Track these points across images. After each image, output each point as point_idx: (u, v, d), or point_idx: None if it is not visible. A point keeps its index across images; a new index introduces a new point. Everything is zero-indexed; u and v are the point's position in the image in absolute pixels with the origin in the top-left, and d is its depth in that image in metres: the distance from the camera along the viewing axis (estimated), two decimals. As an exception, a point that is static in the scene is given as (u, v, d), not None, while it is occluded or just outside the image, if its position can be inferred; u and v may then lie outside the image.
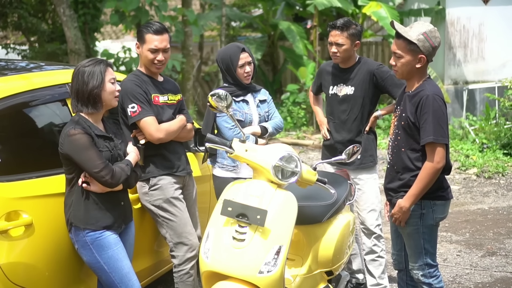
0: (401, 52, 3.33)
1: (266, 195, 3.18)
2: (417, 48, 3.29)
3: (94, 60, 3.27)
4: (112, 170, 3.16)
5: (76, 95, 3.21)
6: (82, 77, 3.18)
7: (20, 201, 3.10)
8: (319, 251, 3.76)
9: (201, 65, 14.78)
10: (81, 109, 3.21)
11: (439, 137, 3.26)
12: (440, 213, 3.45)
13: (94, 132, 3.18)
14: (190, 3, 11.77)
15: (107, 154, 3.21)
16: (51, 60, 11.75)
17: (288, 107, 11.66)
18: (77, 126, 3.14)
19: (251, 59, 4.05)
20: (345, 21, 4.23)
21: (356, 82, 4.28)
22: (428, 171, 3.29)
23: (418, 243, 3.45)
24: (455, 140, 9.82)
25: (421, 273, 3.48)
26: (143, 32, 3.71)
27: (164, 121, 3.71)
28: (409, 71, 3.36)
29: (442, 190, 3.43)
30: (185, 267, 3.73)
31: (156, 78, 3.82)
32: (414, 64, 3.33)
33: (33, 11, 12.89)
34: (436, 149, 3.27)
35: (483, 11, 11.11)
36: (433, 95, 3.29)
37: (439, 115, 3.27)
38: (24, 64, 4.50)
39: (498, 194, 7.67)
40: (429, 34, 3.31)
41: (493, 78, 10.99)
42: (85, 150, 3.10)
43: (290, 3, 12.99)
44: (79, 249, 3.24)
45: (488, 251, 5.59)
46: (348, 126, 4.32)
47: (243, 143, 3.32)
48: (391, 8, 10.96)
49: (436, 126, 3.26)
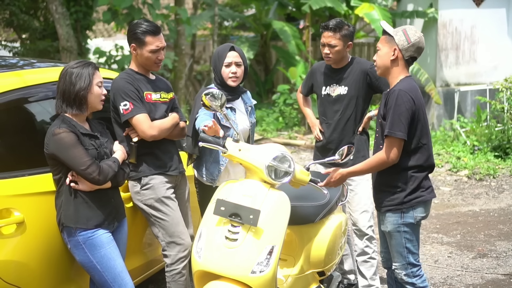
0: (380, 45, 3.42)
1: (259, 195, 3.17)
2: (393, 40, 3.36)
3: (82, 62, 3.27)
4: (99, 167, 3.15)
5: (62, 95, 3.21)
6: (69, 78, 3.19)
7: (12, 199, 3.08)
8: (311, 252, 3.76)
9: (193, 64, 14.75)
10: (66, 110, 3.22)
11: (396, 131, 3.28)
12: (421, 212, 3.45)
13: (79, 131, 3.18)
14: (183, 1, 11.74)
15: (93, 152, 3.21)
16: (43, 57, 11.69)
17: (280, 107, 11.66)
18: (62, 125, 3.13)
19: (241, 60, 3.90)
20: (337, 22, 4.22)
21: (349, 82, 4.28)
22: (378, 161, 3.37)
23: (399, 242, 3.47)
24: (446, 142, 9.86)
25: (404, 272, 3.50)
26: (140, 35, 3.66)
27: (156, 119, 3.69)
28: (385, 64, 3.41)
29: (423, 189, 3.43)
30: (178, 266, 3.71)
31: (148, 76, 3.81)
32: (389, 57, 3.38)
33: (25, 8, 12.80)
34: (392, 144, 3.31)
35: (475, 13, 11.15)
36: (399, 90, 3.31)
37: (401, 110, 3.28)
38: (15, 61, 4.47)
39: (489, 196, 7.70)
40: (408, 30, 3.37)
41: (485, 80, 11.04)
42: (71, 148, 3.09)
43: (283, 3, 13.00)
44: (71, 248, 3.23)
45: (479, 253, 5.61)
46: (341, 127, 4.31)
47: (237, 143, 3.31)
48: (383, 10, 10.98)
49: (395, 120, 3.28)
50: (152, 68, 3.77)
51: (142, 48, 3.68)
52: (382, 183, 3.47)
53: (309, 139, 10.50)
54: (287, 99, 11.73)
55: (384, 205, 3.46)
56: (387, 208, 3.45)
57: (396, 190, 3.41)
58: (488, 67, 11.23)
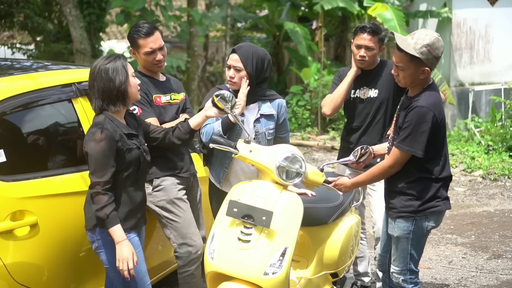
0: (404, 65, 3.26)
1: (272, 196, 3.17)
2: (421, 61, 3.22)
3: (111, 56, 3.16)
4: (109, 192, 3.01)
5: (102, 94, 3.10)
6: (106, 74, 3.08)
7: (26, 201, 3.10)
8: (324, 253, 3.75)
9: (206, 65, 14.78)
10: (108, 108, 3.11)
11: (406, 146, 3.22)
12: (433, 222, 3.38)
13: (122, 131, 3.11)
14: (196, 3, 11.77)
15: (136, 151, 3.14)
16: (57, 60, 11.77)
17: (292, 108, 11.65)
18: (106, 127, 3.04)
19: (240, 65, 3.63)
20: (375, 26, 4.15)
21: (379, 85, 4.20)
22: (381, 168, 3.35)
23: (405, 247, 3.40)
24: (461, 142, 9.79)
25: (402, 278, 3.44)
26: (134, 38, 3.68)
27: (166, 121, 3.68)
28: (412, 81, 3.31)
29: (438, 199, 3.35)
30: (190, 268, 3.71)
31: (157, 78, 3.79)
32: (418, 76, 3.27)
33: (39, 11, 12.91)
34: (402, 158, 3.26)
35: (490, 12, 11.07)
36: (422, 107, 3.21)
37: (422, 129, 3.19)
38: (30, 63, 4.50)
39: (504, 197, 7.63)
40: (432, 46, 3.23)
41: (499, 80, 10.95)
42: (101, 157, 3.00)
43: (296, 4, 12.98)
44: (98, 247, 3.13)
45: (494, 253, 5.57)
46: (370, 130, 4.22)
47: (248, 144, 3.31)
48: (397, 10, 10.92)
49: (410, 136, 3.20)
50: (154, 69, 3.75)
51: (138, 51, 3.70)
52: (395, 188, 3.38)
53: (322, 140, 10.47)
54: (299, 100, 11.70)
55: (397, 211, 3.38)
56: (400, 215, 3.37)
57: (411, 197, 3.33)
58: (502, 66, 11.14)
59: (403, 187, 3.33)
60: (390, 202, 3.43)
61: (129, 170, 3.13)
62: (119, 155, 3.08)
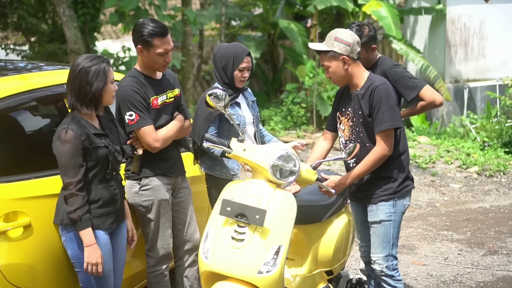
0: (327, 63, 3.45)
1: (265, 195, 3.16)
2: (335, 53, 3.40)
3: (95, 58, 3.16)
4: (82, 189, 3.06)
5: (77, 94, 3.12)
6: (85, 76, 3.10)
7: (19, 202, 3.09)
8: (319, 251, 3.75)
9: (201, 64, 14.77)
10: (80, 109, 3.15)
11: (395, 121, 3.39)
12: (408, 200, 3.59)
13: (89, 131, 3.14)
14: (190, 2, 11.76)
15: (104, 150, 3.17)
16: (51, 60, 11.75)
17: (288, 105, 11.65)
18: (71, 126, 3.07)
19: (251, 65, 3.99)
20: (356, 29, 3.99)
21: None
22: (377, 156, 3.41)
23: (388, 232, 3.53)
24: (456, 139, 9.80)
25: (386, 264, 3.53)
26: (147, 37, 3.54)
27: (162, 125, 3.65)
28: (342, 75, 3.46)
29: (409, 179, 3.59)
30: (160, 267, 3.74)
31: (155, 76, 3.72)
32: (342, 68, 3.42)
33: (33, 11, 12.89)
34: (390, 136, 3.40)
35: (484, 9, 11.08)
36: (381, 84, 3.41)
37: (392, 102, 3.40)
38: (23, 64, 4.49)
39: (499, 193, 7.65)
40: (339, 36, 3.41)
41: (494, 76, 10.97)
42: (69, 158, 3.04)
43: (290, 2, 12.97)
44: (66, 241, 3.16)
45: (490, 250, 5.58)
46: None
47: (241, 143, 3.30)
48: (391, 7, 10.93)
49: (390, 112, 3.37)
50: (159, 70, 3.70)
51: (149, 50, 3.57)
52: (375, 176, 3.50)
53: (317, 138, 10.48)
54: (295, 97, 11.70)
55: (378, 195, 3.52)
56: (381, 198, 3.51)
57: (390, 180, 3.51)
58: (497, 62, 11.15)
59: (381, 171, 3.48)
60: (369, 190, 3.54)
61: (96, 168, 3.16)
62: (86, 154, 3.11)
